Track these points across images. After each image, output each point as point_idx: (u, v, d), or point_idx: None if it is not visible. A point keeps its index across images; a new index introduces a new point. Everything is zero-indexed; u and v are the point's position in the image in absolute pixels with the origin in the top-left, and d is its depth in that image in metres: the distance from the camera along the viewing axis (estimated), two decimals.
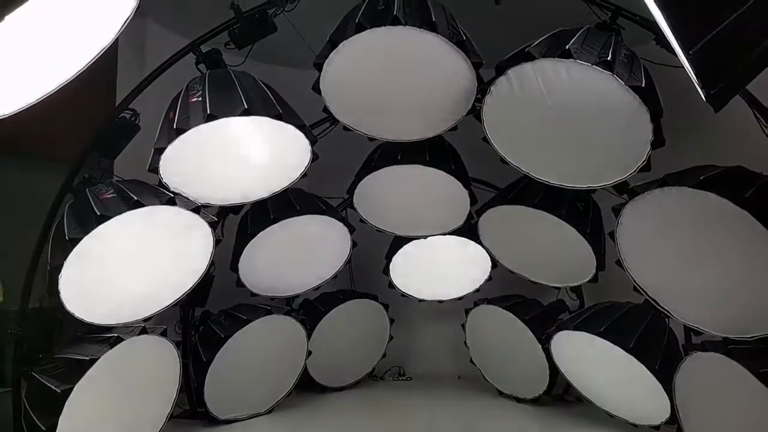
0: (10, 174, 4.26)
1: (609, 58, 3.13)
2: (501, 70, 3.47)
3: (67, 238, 3.43)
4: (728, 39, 2.05)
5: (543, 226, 4.41)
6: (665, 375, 3.85)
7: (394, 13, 3.33)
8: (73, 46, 2.65)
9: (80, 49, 2.66)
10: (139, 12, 4.81)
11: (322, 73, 3.67)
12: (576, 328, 4.32)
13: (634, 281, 3.75)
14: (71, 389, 3.39)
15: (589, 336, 4.23)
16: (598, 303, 4.61)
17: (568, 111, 3.41)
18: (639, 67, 3.27)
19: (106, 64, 5.32)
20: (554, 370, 4.88)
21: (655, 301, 3.72)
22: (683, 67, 2.70)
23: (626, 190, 3.86)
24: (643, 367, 3.99)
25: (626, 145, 3.41)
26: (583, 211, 4.30)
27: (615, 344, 4.07)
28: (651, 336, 4.14)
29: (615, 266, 4.00)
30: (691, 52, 1.94)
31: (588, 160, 3.63)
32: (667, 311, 3.68)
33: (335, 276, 5.39)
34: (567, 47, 3.16)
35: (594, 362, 4.45)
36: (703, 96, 2.29)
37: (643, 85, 3.13)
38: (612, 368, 4.27)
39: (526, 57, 3.33)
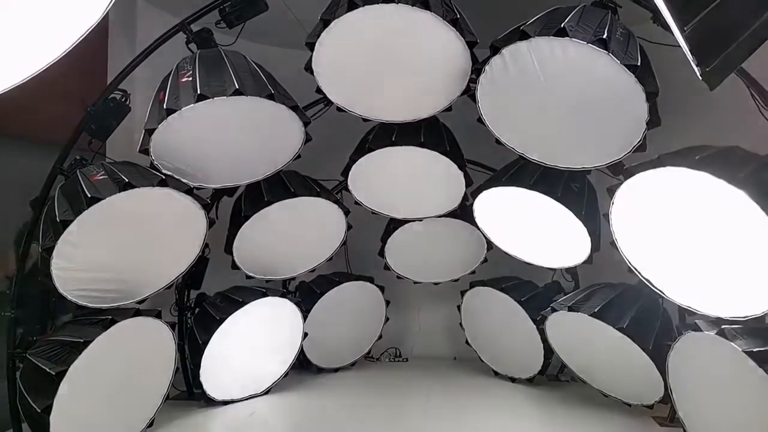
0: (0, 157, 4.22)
1: (605, 37, 3.07)
2: (496, 50, 3.41)
3: (57, 220, 3.40)
4: (724, 16, 2.01)
5: (538, 208, 4.39)
6: (659, 355, 3.88)
7: None
8: (58, 24, 2.60)
9: (66, 27, 2.61)
10: None
11: (314, 53, 3.62)
12: (571, 309, 4.34)
13: (628, 262, 3.73)
14: (65, 371, 3.38)
15: (583, 316, 4.25)
16: (592, 284, 4.62)
17: (564, 90, 3.36)
18: (635, 45, 3.22)
19: (97, 43, 5.26)
20: (549, 350, 4.93)
21: (648, 282, 3.71)
22: (680, 46, 2.66)
23: (621, 171, 3.83)
24: (637, 347, 4.03)
25: (622, 125, 3.38)
26: (578, 192, 4.27)
27: (609, 324, 4.10)
28: (645, 316, 4.17)
29: (610, 247, 3.99)
30: (686, 29, 1.91)
31: (583, 141, 3.59)
32: (661, 292, 3.67)
33: (331, 258, 5.39)
34: (563, 25, 3.10)
35: (588, 343, 4.48)
36: (698, 74, 2.26)
37: (638, 64, 3.09)
38: (606, 348, 4.30)
39: (521, 35, 3.27)
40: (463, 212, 5.13)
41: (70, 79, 4.47)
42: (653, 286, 3.71)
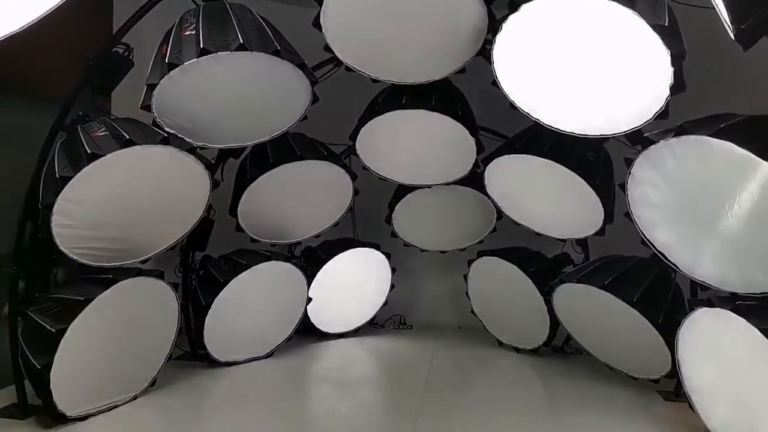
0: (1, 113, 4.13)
1: None
2: (514, 6, 3.24)
3: (57, 176, 3.33)
4: None
5: (552, 177, 4.27)
6: (668, 330, 3.80)
7: None
8: None
9: None
10: None
11: (322, 8, 3.46)
12: (579, 281, 4.27)
13: (643, 235, 3.63)
14: (66, 329, 3.37)
15: (592, 289, 4.17)
16: (603, 257, 4.52)
17: (584, 52, 3.21)
18: (663, 4, 3.04)
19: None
20: (555, 321, 4.87)
21: (663, 255, 3.61)
22: (710, 6, 2.49)
23: (640, 140, 3.69)
24: (646, 321, 3.95)
25: (644, 90, 3.22)
26: (594, 161, 4.14)
27: (619, 297, 4.02)
28: (656, 290, 4.08)
29: (622, 219, 3.89)
30: None
31: (602, 107, 3.44)
32: (675, 265, 3.58)
33: (337, 224, 5.31)
34: None
35: (596, 315, 4.41)
36: (731, 34, 2.11)
37: (666, 24, 2.91)
38: (614, 322, 4.24)
39: None
40: (474, 180, 5.00)
41: (75, 34, 4.36)
42: (667, 259, 3.61)
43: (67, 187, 3.33)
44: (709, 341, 3.45)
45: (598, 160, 4.20)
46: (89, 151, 3.35)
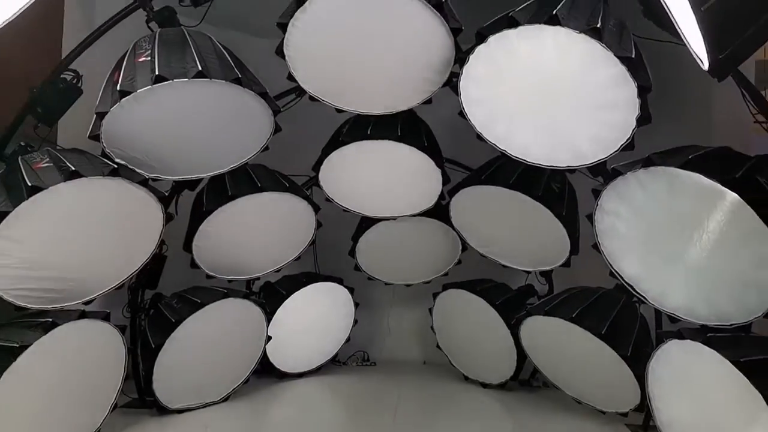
0: None
1: (598, 26, 2.92)
2: (482, 37, 3.22)
3: None
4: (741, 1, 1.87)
5: (517, 208, 4.24)
6: (637, 362, 3.78)
7: None
8: None
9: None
10: None
11: (286, 35, 3.35)
12: (547, 314, 4.21)
13: (611, 266, 3.61)
14: None
15: (560, 321, 4.12)
16: (569, 288, 4.50)
17: (551, 83, 3.20)
18: (629, 37, 3.08)
19: (49, 25, 4.87)
20: (522, 355, 4.79)
21: (630, 287, 3.60)
22: (673, 41, 2.51)
23: (602, 172, 3.72)
24: (614, 354, 3.92)
25: (610, 122, 3.23)
26: (559, 192, 4.14)
27: (587, 330, 3.98)
28: (623, 322, 4.06)
29: (586, 251, 3.88)
30: (703, 9, 1.74)
31: (569, 138, 3.44)
32: (643, 297, 3.57)
33: (298, 258, 5.11)
34: (555, 12, 2.93)
35: (564, 348, 4.35)
36: (705, 64, 2.10)
37: (632, 56, 2.94)
38: (582, 355, 4.19)
39: (509, 23, 3.09)
40: (439, 211, 4.93)
41: (23, 62, 4.11)
42: (635, 290, 3.61)
43: (2, 224, 3.05)
44: (680, 374, 3.43)
45: (563, 191, 4.21)
46: (30, 184, 3.09)
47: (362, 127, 4.32)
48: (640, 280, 3.57)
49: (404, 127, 4.26)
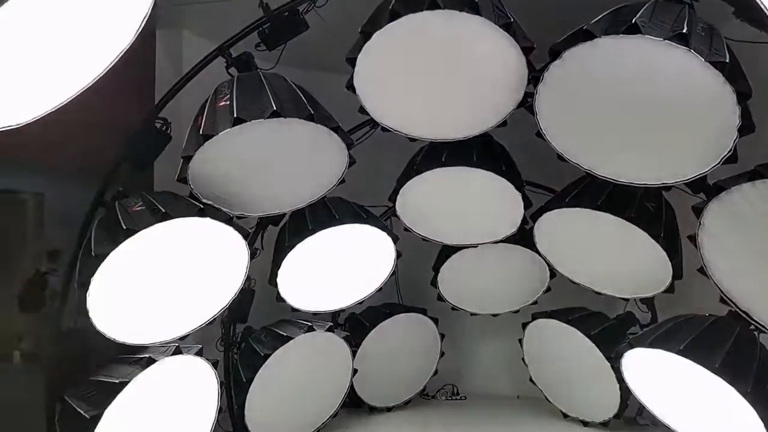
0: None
1: (685, 31, 2.68)
2: (556, 54, 3.06)
3: (93, 254, 3.28)
4: None
5: (608, 231, 3.96)
6: (758, 398, 3.34)
7: None
8: (89, 51, 2.51)
9: (98, 54, 2.52)
10: (174, 23, 4.73)
11: (355, 68, 3.39)
12: (651, 345, 3.84)
13: (721, 291, 3.25)
14: (101, 415, 3.22)
15: (666, 354, 3.75)
16: (675, 316, 4.10)
17: (637, 97, 2.97)
18: (720, 41, 2.80)
19: (144, 76, 5.27)
20: (626, 390, 4.40)
21: (746, 314, 3.21)
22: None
23: (703, 188, 3.38)
24: (731, 388, 3.50)
25: (707, 133, 2.94)
26: (655, 212, 3.82)
27: (698, 363, 3.59)
28: (740, 354, 3.62)
29: (691, 275, 3.53)
30: None
31: (661, 153, 3.16)
32: (762, 325, 3.16)
33: (380, 289, 5.07)
34: (634, 21, 2.73)
35: (671, 384, 3.95)
36: None
37: (727, 61, 2.67)
38: (692, 391, 3.77)
39: (585, 36, 2.91)
40: (523, 237, 4.72)
41: (118, 113, 4.46)
42: (751, 318, 3.21)
43: (103, 265, 3.26)
44: None
45: (660, 210, 3.88)
46: (125, 227, 3.30)
47: (437, 155, 4.25)
48: (756, 305, 3.18)
49: (480, 151, 4.15)
